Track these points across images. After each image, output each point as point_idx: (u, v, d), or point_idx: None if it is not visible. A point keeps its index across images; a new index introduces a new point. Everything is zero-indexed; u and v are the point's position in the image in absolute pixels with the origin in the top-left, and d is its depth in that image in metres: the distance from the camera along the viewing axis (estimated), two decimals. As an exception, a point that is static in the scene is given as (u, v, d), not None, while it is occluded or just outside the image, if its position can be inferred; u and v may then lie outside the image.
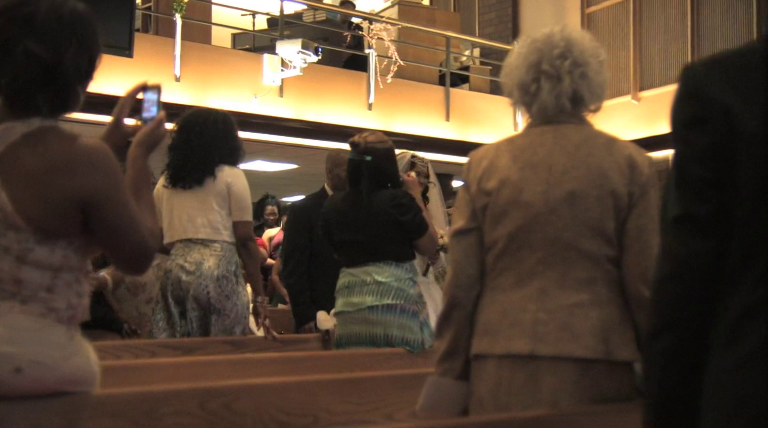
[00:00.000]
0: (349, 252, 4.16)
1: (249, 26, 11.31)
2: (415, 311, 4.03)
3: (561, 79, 2.40)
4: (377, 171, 4.11)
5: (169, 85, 8.62)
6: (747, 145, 1.34)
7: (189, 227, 4.44)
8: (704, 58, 1.46)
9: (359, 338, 4.03)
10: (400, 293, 3.99)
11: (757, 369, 1.33)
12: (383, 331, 3.96)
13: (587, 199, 2.33)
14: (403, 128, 10.96)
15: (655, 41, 11.50)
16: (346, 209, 4.19)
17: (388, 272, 4.01)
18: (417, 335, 3.99)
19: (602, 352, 2.29)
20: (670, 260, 1.44)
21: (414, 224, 4.07)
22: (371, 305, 3.97)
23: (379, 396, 2.95)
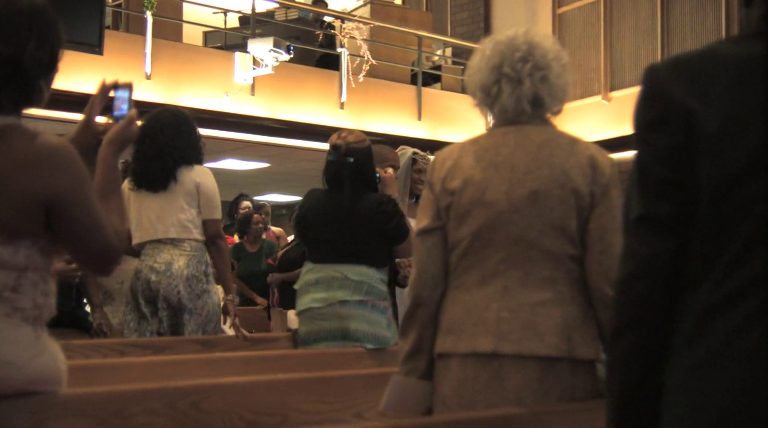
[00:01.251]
0: (324, 251, 4.11)
1: (221, 24, 11.28)
2: (384, 308, 4.02)
3: (521, 83, 2.42)
4: (359, 173, 4.07)
5: (140, 83, 8.57)
6: (707, 146, 1.36)
7: (159, 227, 4.42)
8: (666, 60, 1.48)
9: (330, 333, 3.97)
10: (371, 290, 3.97)
11: (718, 368, 1.34)
12: (355, 326, 3.92)
13: (550, 198, 2.35)
14: (375, 127, 10.96)
15: (625, 42, 11.57)
16: (326, 208, 4.14)
17: (361, 272, 3.98)
18: (386, 331, 3.97)
19: (565, 350, 2.31)
20: (632, 259, 1.46)
21: (396, 230, 4.05)
22: (343, 299, 3.93)
23: (348, 395, 2.95)
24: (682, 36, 10.90)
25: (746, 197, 1.34)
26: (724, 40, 1.49)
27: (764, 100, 1.35)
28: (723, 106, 1.36)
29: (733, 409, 1.32)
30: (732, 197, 1.35)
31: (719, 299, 1.35)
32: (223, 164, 11.58)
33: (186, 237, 4.41)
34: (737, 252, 1.34)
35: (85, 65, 7.64)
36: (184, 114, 4.63)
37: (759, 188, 1.33)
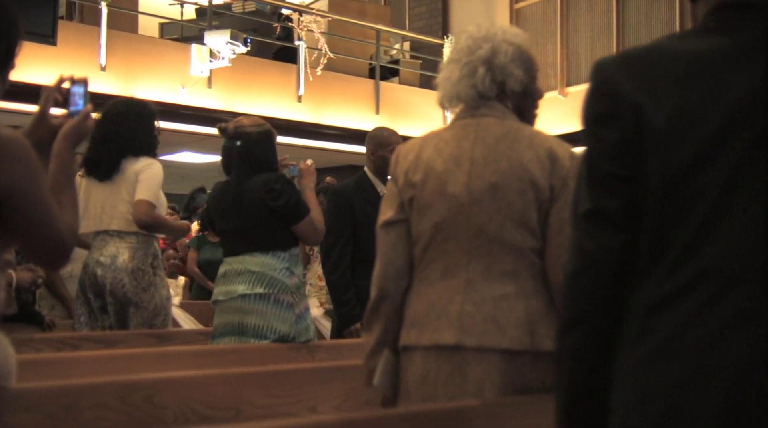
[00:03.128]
0: (228, 242, 4.05)
1: (177, 16, 11.19)
2: (290, 303, 3.88)
3: (482, 75, 2.43)
4: (249, 156, 3.95)
5: (95, 75, 8.47)
6: (654, 141, 1.37)
7: (103, 218, 4.38)
8: (615, 55, 1.48)
9: (230, 328, 3.87)
10: (273, 283, 3.85)
11: (665, 361, 1.35)
12: (254, 321, 3.82)
13: (509, 191, 2.36)
14: (333, 121, 10.96)
15: (581, 37, 11.66)
16: (223, 197, 4.05)
17: (261, 262, 3.88)
18: (290, 327, 3.85)
19: (528, 343, 2.31)
20: (580, 254, 1.46)
21: (287, 209, 3.90)
22: (243, 293, 3.83)
23: (302, 389, 2.95)
24: (637, 32, 11.01)
25: (693, 191, 1.35)
26: (673, 36, 1.50)
27: (711, 95, 1.37)
28: (670, 101, 1.37)
29: (680, 402, 1.33)
30: (679, 192, 1.35)
31: (667, 293, 1.36)
32: (180, 157, 11.50)
33: (132, 230, 4.36)
34: (684, 246, 1.35)
35: (39, 56, 7.54)
36: (139, 104, 4.57)
37: (705, 182, 1.34)
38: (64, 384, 2.50)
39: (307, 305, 4.06)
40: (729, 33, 1.42)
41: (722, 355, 1.32)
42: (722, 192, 1.33)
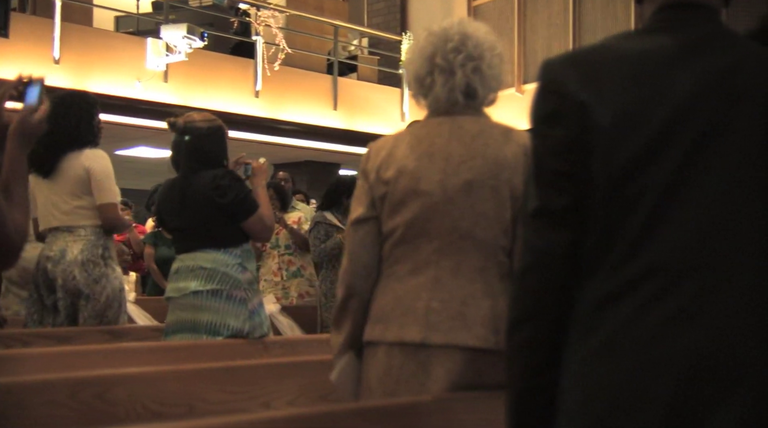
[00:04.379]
0: (179, 239, 4.02)
1: (133, 9, 11.10)
2: (242, 298, 3.87)
3: (454, 73, 2.41)
4: (197, 151, 3.92)
5: (48, 69, 8.38)
6: (600, 139, 1.38)
7: (55, 214, 4.33)
8: (562, 55, 1.49)
9: (184, 325, 3.84)
10: (226, 279, 3.83)
11: (610, 358, 1.37)
12: (207, 317, 3.80)
13: (483, 189, 2.36)
14: (290, 116, 10.92)
15: (538, 35, 11.74)
16: (171, 194, 4.02)
17: (213, 258, 3.85)
18: (244, 323, 3.84)
19: (493, 342, 2.31)
20: (528, 252, 1.47)
21: (235, 206, 3.87)
22: (195, 290, 3.81)
23: (256, 385, 2.94)
24: (593, 31, 11.09)
25: (637, 189, 1.37)
26: (620, 36, 1.52)
27: (655, 94, 1.38)
28: (615, 100, 1.39)
29: (626, 398, 1.35)
30: (624, 190, 1.37)
31: (613, 289, 1.38)
32: (136, 152, 11.41)
33: (81, 224, 4.31)
34: (629, 243, 1.37)
35: (-9, 49, 7.45)
36: (78, 95, 4.51)
37: (649, 180, 1.36)
38: (13, 381, 2.48)
39: (261, 300, 4.05)
40: (673, 33, 1.45)
41: (667, 351, 1.34)
42: (666, 190, 1.36)
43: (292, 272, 6.44)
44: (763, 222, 1.37)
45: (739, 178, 1.37)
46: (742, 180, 1.37)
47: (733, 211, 1.36)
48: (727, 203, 1.36)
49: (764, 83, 1.40)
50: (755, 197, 1.37)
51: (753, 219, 1.37)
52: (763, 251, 1.37)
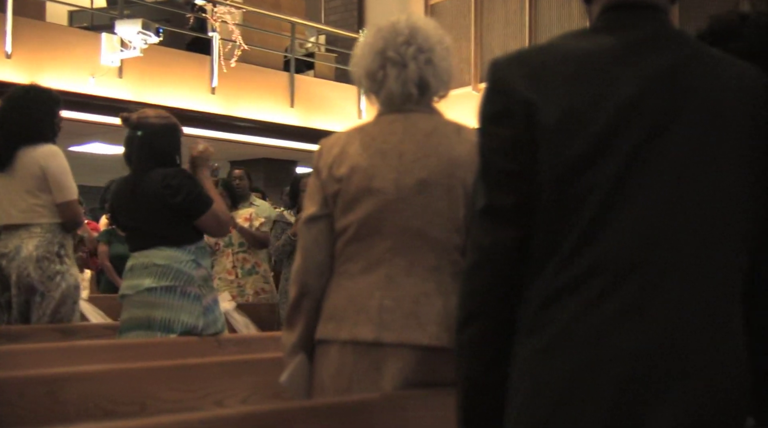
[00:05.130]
0: (133, 237, 4.00)
1: (87, 3, 10.97)
2: (197, 295, 3.86)
3: (406, 66, 2.41)
4: (149, 148, 3.90)
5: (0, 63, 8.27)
6: (546, 138, 1.40)
7: (12, 211, 4.30)
8: (509, 54, 1.50)
9: (138, 322, 3.82)
10: (180, 276, 3.82)
11: (557, 354, 1.38)
12: (161, 314, 3.78)
13: (437, 188, 2.36)
14: (247, 113, 10.88)
15: (495, 34, 11.79)
16: (123, 192, 4.00)
17: (167, 255, 3.83)
18: (197, 319, 3.83)
19: (446, 340, 2.31)
20: (476, 250, 1.48)
21: (187, 204, 3.87)
22: (149, 287, 3.79)
23: (209, 383, 2.93)
24: (549, 29, 11.16)
25: (583, 187, 1.38)
26: (567, 35, 1.54)
27: (600, 94, 1.40)
28: (561, 99, 1.40)
29: (571, 394, 1.36)
30: (570, 188, 1.39)
31: (559, 287, 1.39)
32: (91, 148, 11.29)
33: (38, 222, 4.28)
34: (576, 241, 1.38)
35: (-59, 43, 7.33)
36: (38, 90, 4.47)
37: (595, 179, 1.37)
38: (-38, 379, 2.45)
39: (216, 297, 4.04)
40: (619, 32, 1.46)
41: (613, 347, 1.35)
42: (612, 188, 1.37)
43: (247, 269, 6.43)
44: (707, 220, 1.39)
45: (684, 176, 1.38)
46: (687, 178, 1.38)
47: (678, 209, 1.38)
48: (672, 202, 1.38)
49: (709, 82, 1.42)
50: (700, 195, 1.39)
51: (697, 217, 1.38)
52: (708, 249, 1.39)
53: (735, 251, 1.42)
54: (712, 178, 1.39)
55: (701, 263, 1.39)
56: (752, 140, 1.43)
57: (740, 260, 1.43)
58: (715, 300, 1.40)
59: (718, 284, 1.40)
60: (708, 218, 1.39)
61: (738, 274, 1.43)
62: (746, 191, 1.42)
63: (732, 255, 1.42)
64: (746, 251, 1.44)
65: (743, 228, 1.42)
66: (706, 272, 1.39)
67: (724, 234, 1.40)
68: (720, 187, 1.40)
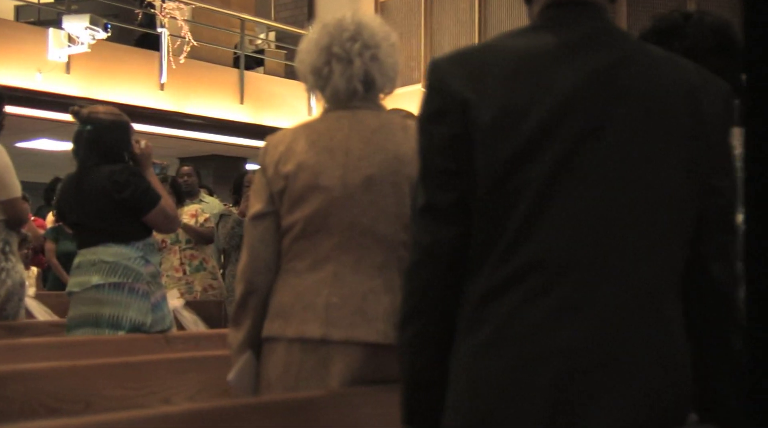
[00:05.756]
0: (80, 234, 3.96)
1: (34, -2, 10.83)
2: (145, 292, 3.82)
3: (352, 62, 2.40)
4: (98, 143, 3.85)
5: (-56, 58, 8.15)
6: (481, 136, 1.41)
7: None
8: (449, 53, 1.51)
9: (86, 319, 3.77)
10: (128, 272, 3.78)
11: (494, 351, 1.40)
12: (109, 311, 3.74)
13: (384, 185, 2.36)
14: (196, 110, 10.82)
15: (445, 32, 11.84)
16: (70, 188, 3.95)
17: (114, 252, 3.80)
18: (146, 316, 3.80)
19: (393, 337, 2.30)
20: (416, 248, 1.49)
21: (134, 200, 3.82)
22: (97, 283, 3.75)
23: (157, 380, 2.91)
24: (499, 27, 11.22)
25: (518, 185, 1.39)
26: (507, 34, 1.55)
27: (536, 92, 1.41)
28: (497, 98, 1.41)
29: (509, 392, 1.37)
30: (505, 186, 1.40)
31: (497, 284, 1.40)
32: (38, 145, 11.16)
33: None
34: (512, 239, 1.40)
35: None
36: None
37: (529, 176, 1.38)
38: None
39: (164, 294, 4.01)
40: (558, 30, 1.47)
41: (549, 344, 1.37)
42: (546, 186, 1.38)
43: (194, 266, 6.40)
44: (642, 218, 1.40)
45: (620, 174, 1.39)
46: (623, 177, 1.39)
47: (614, 207, 1.39)
48: (607, 199, 1.39)
49: (647, 81, 1.43)
50: (634, 193, 1.40)
51: (632, 215, 1.40)
52: (644, 247, 1.40)
53: (672, 248, 1.43)
54: (648, 176, 1.40)
55: (638, 260, 1.40)
56: (691, 139, 1.43)
57: (678, 257, 1.45)
58: (653, 298, 1.41)
59: (655, 281, 1.41)
60: (643, 216, 1.40)
61: (676, 271, 1.45)
62: (683, 189, 1.43)
63: (669, 253, 1.43)
64: (684, 249, 1.45)
65: (680, 226, 1.44)
66: (643, 269, 1.40)
67: (661, 232, 1.42)
68: (655, 185, 1.41)
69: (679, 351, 1.44)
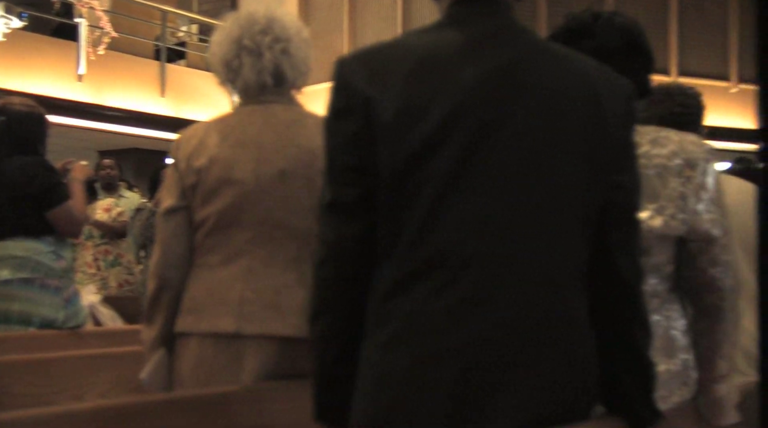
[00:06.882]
0: None
1: (-54, -14, 10.53)
2: (57, 287, 3.77)
3: (262, 55, 2.40)
4: (11, 134, 3.79)
5: None
6: (383, 133, 1.42)
7: None
8: (354, 51, 1.52)
9: None
10: (39, 267, 3.72)
11: (398, 348, 1.41)
12: (18, 307, 3.67)
13: (297, 178, 2.35)
14: (115, 102, 10.66)
15: (368, 28, 11.86)
16: None
17: (25, 246, 3.74)
18: (57, 312, 3.74)
19: (307, 331, 2.32)
20: (322, 244, 1.51)
21: (40, 194, 3.75)
22: (6, 279, 3.67)
23: (68, 377, 2.86)
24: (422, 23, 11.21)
25: (419, 181, 1.40)
26: (414, 31, 1.56)
27: (437, 89, 1.42)
28: (399, 94, 1.42)
29: (412, 387, 1.39)
30: (407, 182, 1.41)
31: (400, 280, 1.42)
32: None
33: None
34: (414, 234, 1.41)
35: None
36: None
37: (430, 173, 1.40)
38: None
39: (77, 289, 3.95)
40: (462, 27, 1.48)
41: (453, 340, 1.38)
42: (447, 182, 1.39)
43: (109, 261, 6.31)
44: (544, 212, 1.42)
45: (520, 170, 1.41)
46: (523, 172, 1.41)
47: (515, 202, 1.41)
48: (508, 195, 1.40)
49: (547, 78, 1.45)
50: (535, 188, 1.42)
51: (534, 210, 1.41)
52: (546, 241, 1.42)
53: (575, 243, 1.46)
54: (548, 172, 1.42)
55: (540, 255, 1.42)
56: (592, 136, 1.46)
57: (581, 251, 1.47)
58: (556, 292, 1.43)
59: (558, 275, 1.44)
60: (544, 211, 1.42)
61: (580, 265, 1.47)
62: (584, 185, 1.45)
63: (572, 247, 1.45)
64: (587, 243, 1.48)
65: (582, 221, 1.46)
66: (545, 263, 1.42)
67: (562, 227, 1.44)
68: (556, 181, 1.43)
69: (583, 345, 1.46)
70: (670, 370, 1.94)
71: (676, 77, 11.14)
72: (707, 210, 1.95)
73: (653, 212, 1.92)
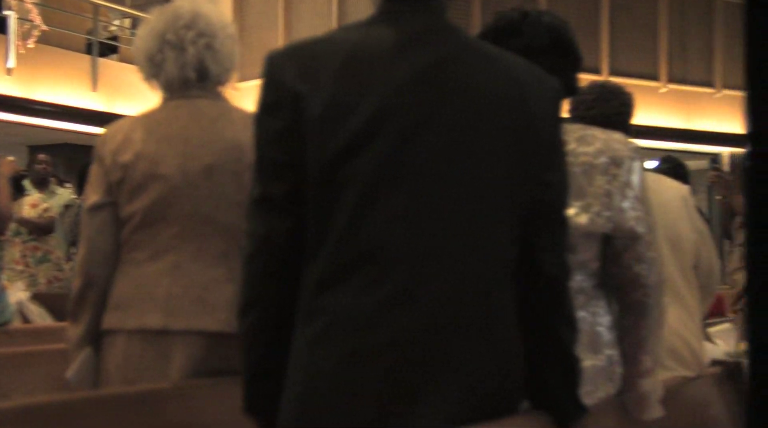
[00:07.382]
0: None
1: None
2: None
3: (185, 49, 2.39)
4: None
5: None
6: (312, 128, 1.42)
7: None
8: (285, 46, 1.53)
9: None
10: None
11: (328, 343, 1.41)
12: None
13: (224, 173, 2.34)
14: (46, 97, 10.49)
15: (303, 24, 11.80)
16: None
17: None
18: None
19: (235, 326, 2.30)
20: (251, 239, 1.51)
21: None
22: None
23: (-8, 376, 2.81)
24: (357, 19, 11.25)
25: (346, 178, 1.41)
26: (345, 27, 1.57)
27: (366, 85, 1.43)
28: (328, 90, 1.42)
29: (342, 383, 1.40)
30: (334, 178, 1.41)
31: (329, 276, 1.42)
32: None
33: None
34: (341, 231, 1.41)
35: None
36: None
37: (357, 169, 1.41)
38: None
39: (4, 286, 3.88)
40: (394, 24, 1.49)
41: (380, 337, 1.39)
42: (373, 179, 1.40)
43: (38, 258, 6.22)
44: (470, 211, 1.43)
45: (446, 169, 1.42)
46: (449, 171, 1.42)
47: (441, 201, 1.42)
48: (435, 193, 1.41)
49: (474, 77, 1.46)
50: (461, 186, 1.43)
51: (460, 208, 1.43)
52: (474, 239, 1.44)
53: (502, 240, 1.47)
54: (474, 170, 1.44)
55: (467, 253, 1.43)
56: (519, 134, 1.47)
57: (508, 249, 1.49)
58: (484, 289, 1.45)
59: (486, 273, 1.45)
60: (471, 209, 1.43)
61: (508, 263, 1.49)
62: (511, 183, 1.47)
63: (499, 245, 1.47)
64: (515, 241, 1.49)
65: (509, 218, 1.47)
66: (473, 261, 1.43)
67: (490, 224, 1.45)
68: (483, 179, 1.44)
69: (510, 342, 1.48)
70: (595, 366, 1.97)
71: (607, 76, 11.28)
72: (632, 208, 1.98)
73: (579, 209, 1.94)
